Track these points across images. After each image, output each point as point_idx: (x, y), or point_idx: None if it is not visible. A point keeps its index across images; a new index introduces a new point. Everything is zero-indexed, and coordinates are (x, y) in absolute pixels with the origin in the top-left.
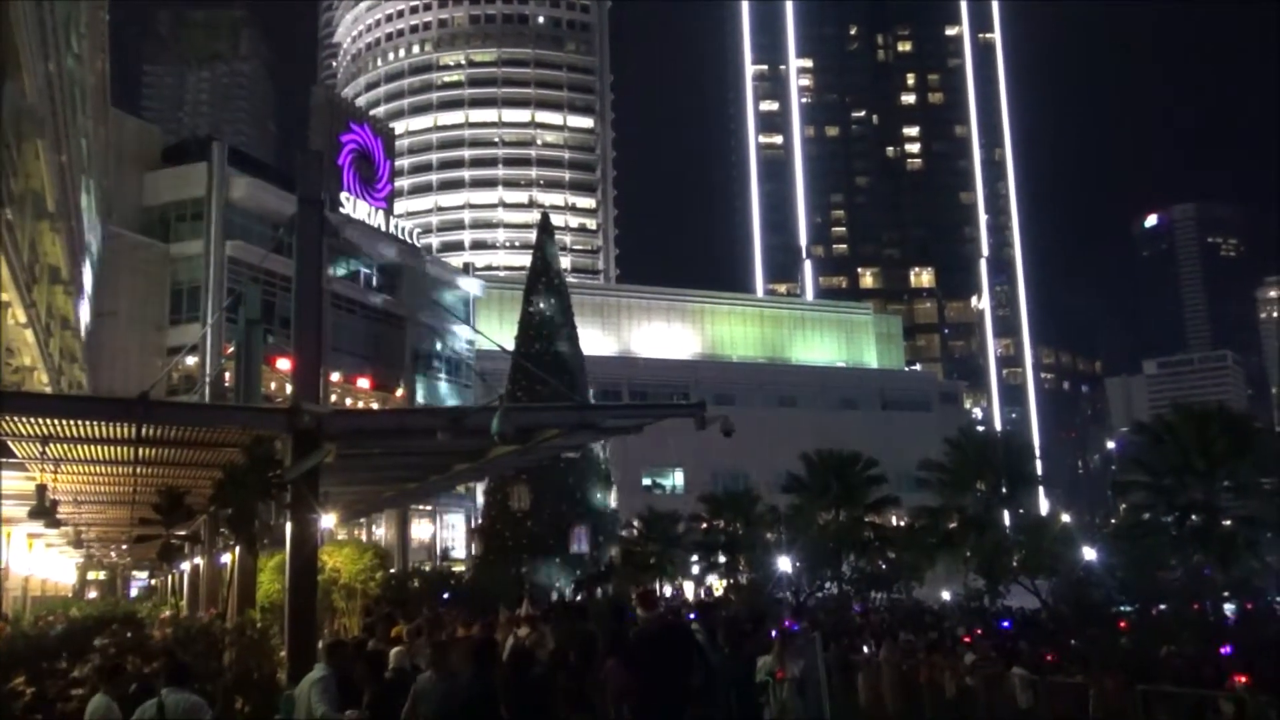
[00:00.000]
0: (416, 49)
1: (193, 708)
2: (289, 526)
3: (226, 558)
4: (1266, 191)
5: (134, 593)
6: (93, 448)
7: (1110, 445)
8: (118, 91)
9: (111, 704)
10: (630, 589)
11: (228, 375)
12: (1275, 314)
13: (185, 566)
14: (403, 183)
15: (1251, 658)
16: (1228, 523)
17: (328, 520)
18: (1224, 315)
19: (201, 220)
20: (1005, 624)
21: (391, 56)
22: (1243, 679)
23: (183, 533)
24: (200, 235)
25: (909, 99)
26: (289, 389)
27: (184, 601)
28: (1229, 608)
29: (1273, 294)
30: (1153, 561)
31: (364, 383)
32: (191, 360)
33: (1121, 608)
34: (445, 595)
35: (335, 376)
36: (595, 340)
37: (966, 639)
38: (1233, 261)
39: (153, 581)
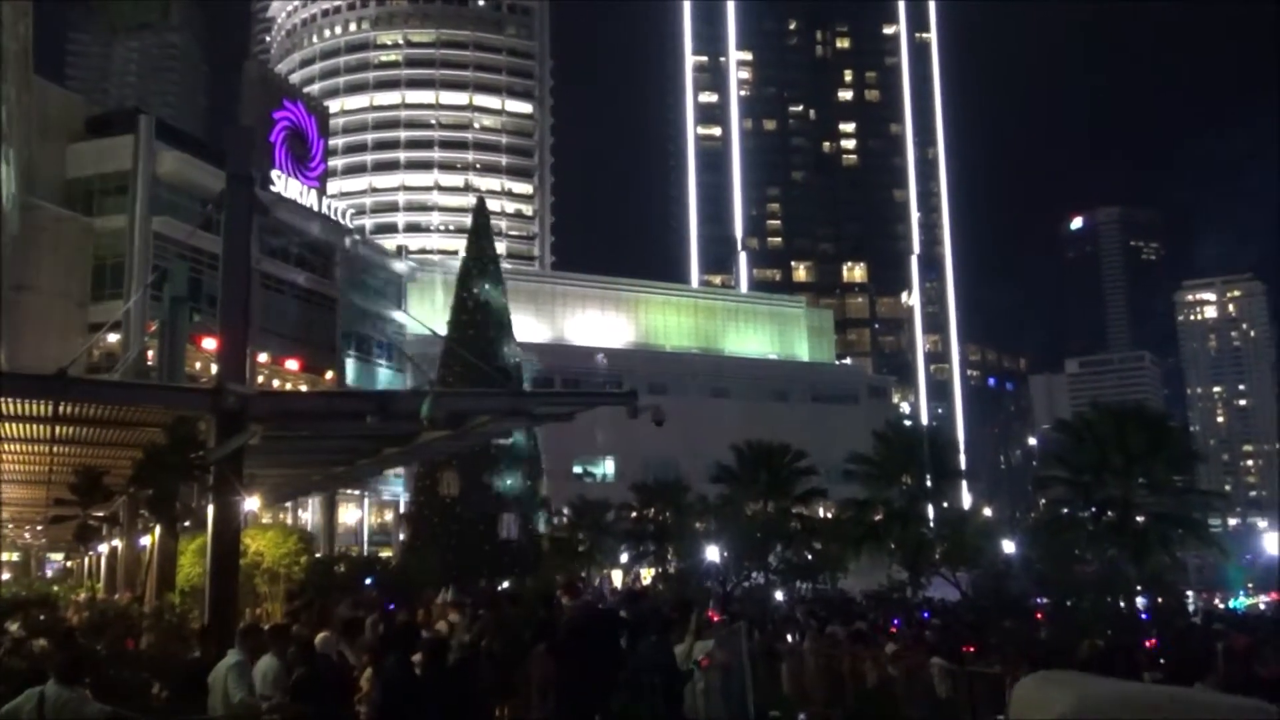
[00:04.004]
0: (353, 27)
1: (72, 702)
2: (211, 509)
3: (146, 540)
4: (1188, 197)
5: (49, 575)
6: (7, 425)
7: (1032, 441)
8: (41, 60)
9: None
10: (558, 577)
11: (151, 354)
12: (1193, 316)
13: (103, 548)
14: (336, 162)
15: (1162, 650)
16: (1141, 519)
17: (251, 503)
18: (1144, 317)
19: (126, 194)
20: (925, 615)
21: (327, 33)
22: (1154, 672)
23: (101, 514)
24: (125, 210)
25: (846, 95)
26: (214, 369)
27: (101, 584)
28: (1141, 601)
29: (1190, 297)
30: (1069, 555)
31: (293, 364)
32: (114, 337)
33: (1038, 600)
34: (368, 580)
35: (263, 357)
36: (529, 327)
37: (893, 629)
38: (1154, 265)
39: (69, 563)
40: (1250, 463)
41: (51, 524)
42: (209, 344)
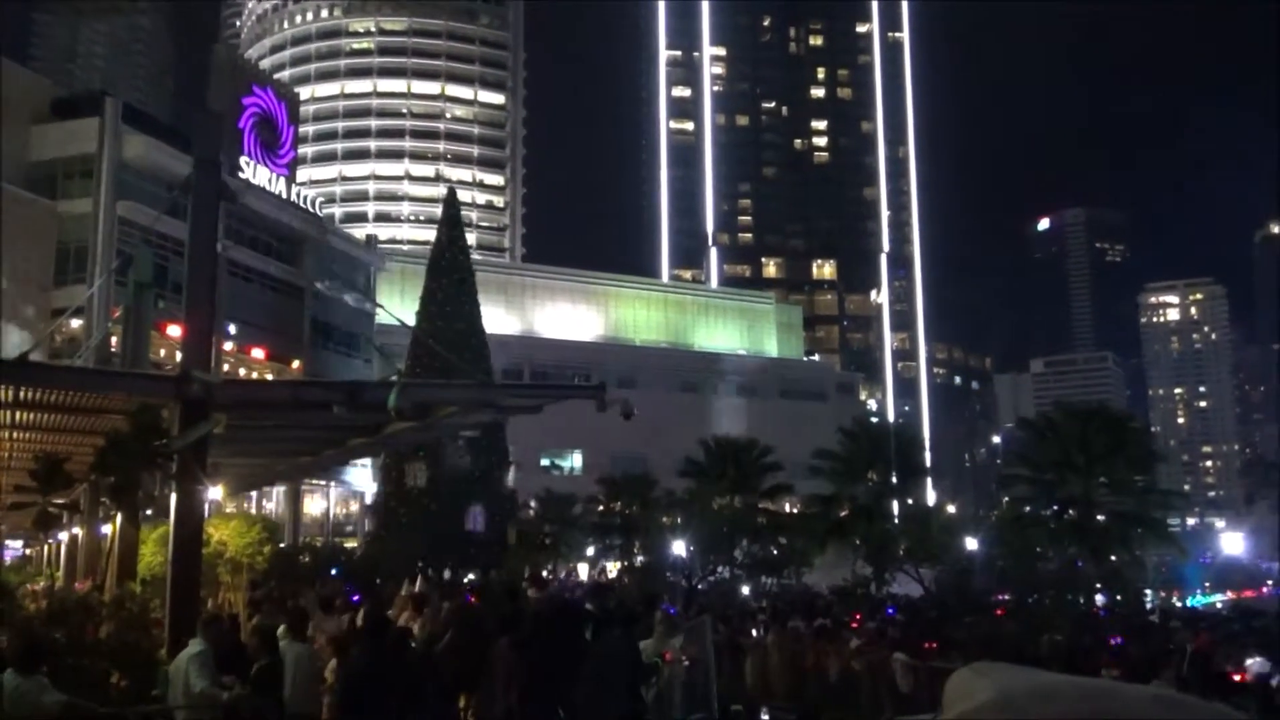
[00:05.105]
0: (325, 13)
1: (30, 691)
2: (174, 498)
3: (107, 528)
4: (1153, 200)
5: (8, 562)
6: None
7: (996, 440)
8: (4, 40)
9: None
10: (525, 570)
11: (114, 340)
12: (1155, 319)
13: (63, 536)
14: (306, 150)
15: (1123, 647)
16: (1102, 517)
17: (215, 492)
18: (1108, 318)
19: (92, 178)
20: (890, 610)
21: (298, 19)
22: (1107, 667)
23: (61, 501)
24: (90, 194)
25: (818, 93)
26: (179, 356)
27: (60, 572)
28: (1100, 598)
29: (1153, 299)
30: (1031, 553)
31: (259, 353)
32: (77, 323)
33: (1000, 596)
34: (334, 571)
35: (228, 346)
36: (498, 319)
37: (854, 624)
38: (1118, 266)
39: (27, 551)
40: (1209, 463)
41: (10, 511)
42: (174, 331)
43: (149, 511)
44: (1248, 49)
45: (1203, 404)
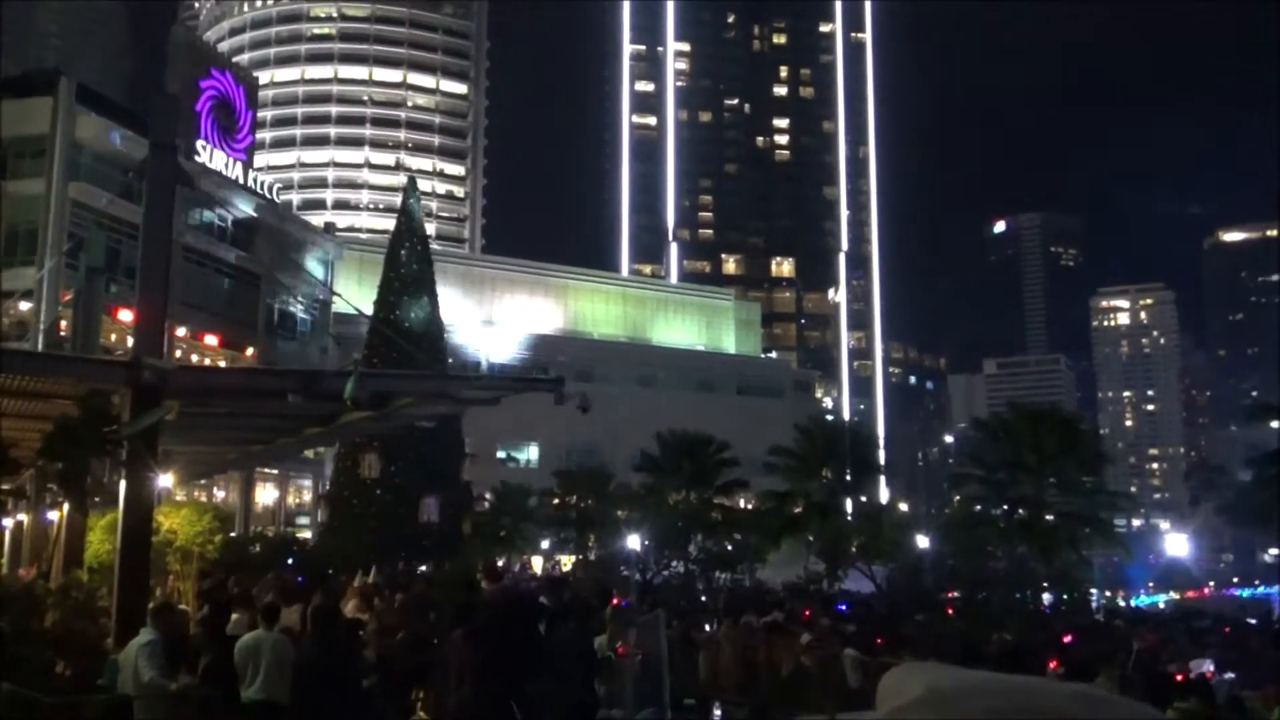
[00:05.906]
0: None
1: None
2: (123, 485)
3: (54, 515)
4: (1107, 206)
5: None
6: None
7: (949, 439)
8: None
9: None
10: (479, 562)
11: (64, 324)
12: (1107, 323)
13: (8, 523)
14: (264, 135)
15: (1072, 645)
16: (1051, 517)
17: (165, 480)
18: (1061, 321)
19: (43, 158)
20: (841, 607)
21: (259, 2)
22: (1053, 664)
23: (6, 487)
24: (41, 174)
25: (781, 91)
26: (131, 342)
27: (4, 560)
28: (1046, 597)
29: (1105, 304)
30: (981, 551)
31: (212, 340)
32: (26, 306)
33: (950, 594)
34: (289, 561)
35: (181, 331)
36: (457, 309)
37: (805, 616)
38: (1071, 271)
39: None
40: (1155, 465)
41: None
42: (125, 316)
43: (97, 499)
44: (1203, 59)
45: (1150, 407)
